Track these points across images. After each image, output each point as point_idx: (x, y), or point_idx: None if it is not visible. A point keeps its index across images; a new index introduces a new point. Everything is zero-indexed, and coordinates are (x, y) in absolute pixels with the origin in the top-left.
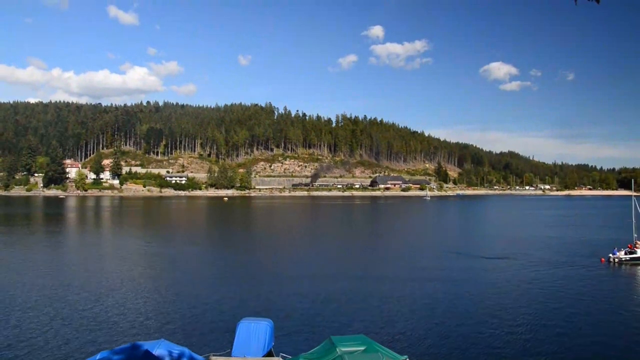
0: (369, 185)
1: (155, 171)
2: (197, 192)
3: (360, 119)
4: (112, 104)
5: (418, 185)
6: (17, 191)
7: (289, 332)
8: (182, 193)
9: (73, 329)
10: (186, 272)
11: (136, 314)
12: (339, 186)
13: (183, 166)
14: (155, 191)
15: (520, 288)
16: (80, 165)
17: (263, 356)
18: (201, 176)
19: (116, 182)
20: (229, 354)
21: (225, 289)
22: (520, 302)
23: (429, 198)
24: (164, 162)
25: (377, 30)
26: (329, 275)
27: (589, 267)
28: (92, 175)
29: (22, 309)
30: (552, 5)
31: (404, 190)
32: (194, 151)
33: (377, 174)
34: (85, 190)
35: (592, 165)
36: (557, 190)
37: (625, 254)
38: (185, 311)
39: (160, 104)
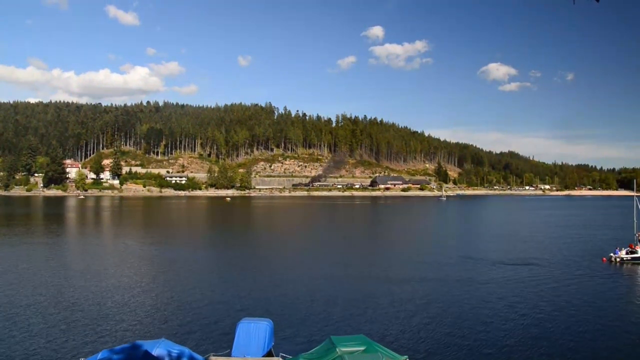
0: (369, 186)
1: (155, 171)
2: (197, 192)
3: (360, 119)
4: (112, 104)
5: (418, 185)
6: (17, 191)
7: (289, 332)
8: (182, 193)
9: (74, 328)
10: (187, 272)
11: (137, 313)
12: (339, 186)
13: (183, 166)
14: (155, 191)
15: (521, 287)
16: (80, 165)
17: (263, 356)
18: (201, 176)
19: (116, 182)
20: (228, 354)
21: (225, 289)
22: (521, 302)
23: (444, 198)
24: (164, 162)
25: (376, 31)
26: (329, 275)
27: (591, 266)
28: (92, 175)
29: (23, 308)
30: (552, 6)
31: (404, 190)
32: (194, 151)
33: (377, 174)
34: (85, 190)
35: (592, 165)
36: (557, 191)
37: (627, 253)
38: (185, 311)
39: (161, 104)
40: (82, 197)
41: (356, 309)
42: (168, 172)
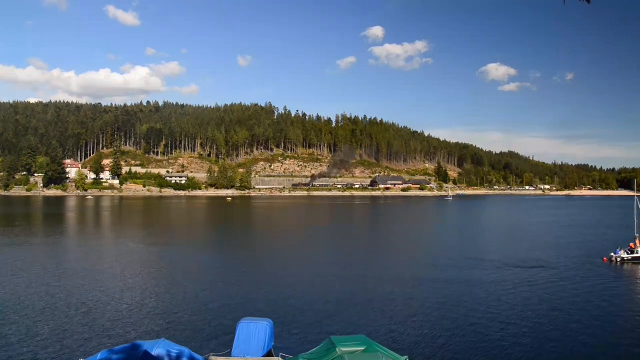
0: (369, 185)
1: (155, 171)
2: (197, 192)
3: (360, 119)
4: (112, 104)
5: (418, 186)
6: (17, 191)
7: (289, 332)
8: (182, 193)
9: (74, 328)
10: (187, 272)
11: (137, 313)
12: (339, 186)
13: (183, 166)
14: (155, 191)
15: (522, 288)
16: (80, 165)
17: (263, 356)
18: (201, 176)
19: (116, 182)
20: (229, 354)
21: (225, 289)
22: (522, 302)
23: (451, 199)
24: (164, 162)
25: (376, 31)
26: (329, 275)
27: (591, 266)
28: (92, 175)
29: (24, 309)
30: (551, 6)
31: (404, 190)
32: (194, 151)
33: (377, 174)
34: (85, 190)
35: (592, 165)
36: (557, 191)
37: (627, 253)
38: (185, 311)
39: (161, 104)
40: (90, 197)
41: (356, 309)
42: (168, 172)
